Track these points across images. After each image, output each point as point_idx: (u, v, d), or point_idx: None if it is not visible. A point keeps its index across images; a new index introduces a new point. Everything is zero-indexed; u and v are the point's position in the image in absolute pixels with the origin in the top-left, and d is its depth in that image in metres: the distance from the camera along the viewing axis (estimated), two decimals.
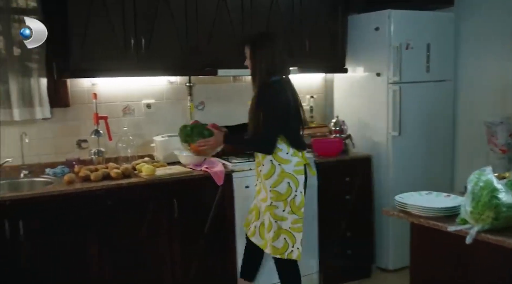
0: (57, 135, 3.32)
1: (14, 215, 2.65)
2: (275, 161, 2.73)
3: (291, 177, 2.73)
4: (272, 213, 2.75)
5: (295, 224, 2.77)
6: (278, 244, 2.77)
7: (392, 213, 2.23)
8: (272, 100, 2.67)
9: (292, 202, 2.74)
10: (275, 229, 2.75)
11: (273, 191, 2.73)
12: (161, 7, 3.19)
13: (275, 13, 3.61)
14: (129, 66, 3.14)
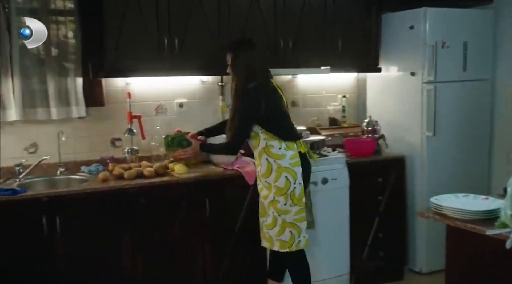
0: (92, 134, 3.38)
1: (51, 211, 2.72)
2: (270, 158, 2.81)
3: (287, 170, 2.79)
4: (275, 208, 2.82)
5: (297, 215, 2.83)
6: (285, 238, 2.83)
7: (427, 215, 2.19)
8: (247, 106, 2.79)
9: (292, 194, 2.80)
10: (280, 223, 2.83)
11: (275, 186, 2.81)
12: (194, 7, 3.22)
13: (307, 12, 3.60)
14: (162, 65, 3.18)
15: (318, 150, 3.50)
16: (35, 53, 3.18)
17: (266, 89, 2.86)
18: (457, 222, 2.07)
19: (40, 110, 3.18)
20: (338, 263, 3.51)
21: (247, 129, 2.82)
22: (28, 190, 2.79)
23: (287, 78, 3.98)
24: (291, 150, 2.83)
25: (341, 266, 3.52)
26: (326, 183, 3.37)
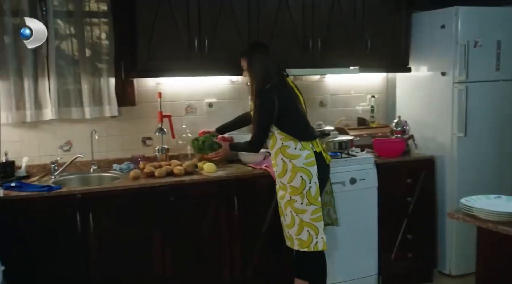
0: (124, 132, 3.46)
1: (84, 208, 2.80)
2: (285, 158, 2.87)
3: (303, 170, 2.84)
4: (292, 207, 2.88)
5: (314, 214, 2.87)
6: (303, 237, 2.89)
7: (457, 216, 2.17)
8: (264, 107, 2.86)
9: (308, 194, 2.84)
10: (298, 222, 2.88)
11: (290, 186, 2.87)
12: (224, 9, 3.26)
13: (336, 12, 3.59)
14: (192, 66, 3.23)
15: (346, 150, 3.49)
16: (69, 54, 3.27)
17: (281, 89, 2.91)
18: (489, 224, 2.04)
19: (74, 110, 3.27)
20: (366, 263, 3.50)
21: (265, 129, 2.90)
22: (63, 187, 2.88)
23: (315, 78, 3.99)
24: (306, 149, 2.86)
25: (369, 267, 3.51)
26: (354, 183, 3.37)
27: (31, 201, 2.71)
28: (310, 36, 3.52)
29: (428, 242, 3.73)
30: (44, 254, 2.74)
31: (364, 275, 3.49)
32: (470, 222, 2.12)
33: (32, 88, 3.14)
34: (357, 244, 3.43)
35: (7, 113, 3.10)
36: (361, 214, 3.43)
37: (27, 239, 2.69)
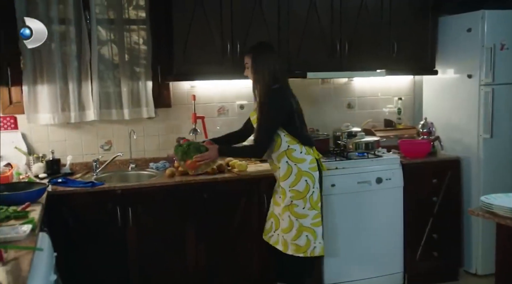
0: (160, 133, 3.65)
1: (124, 203, 3.00)
2: (291, 162, 2.83)
3: (307, 174, 2.83)
4: (292, 212, 2.83)
5: (315, 219, 2.85)
6: (300, 242, 2.84)
7: (477, 213, 2.26)
8: (274, 107, 2.80)
9: (311, 198, 2.83)
10: (296, 227, 2.83)
11: (292, 190, 2.82)
12: (255, 14, 3.40)
13: (364, 16, 3.69)
14: (225, 69, 3.38)
15: (373, 150, 3.60)
16: (110, 59, 3.49)
17: (288, 91, 2.92)
18: (507, 220, 2.12)
19: (114, 111, 3.48)
20: (391, 261, 3.59)
21: (273, 131, 2.83)
22: (104, 183, 3.08)
23: (343, 80, 4.10)
24: (309, 154, 2.87)
25: (395, 265, 3.60)
26: (380, 182, 3.47)
27: (76, 196, 2.93)
28: (337, 40, 3.63)
29: (453, 241, 3.79)
30: (87, 245, 2.95)
31: (389, 272, 3.58)
32: (489, 218, 2.21)
33: (76, 91, 3.35)
34: (383, 242, 3.53)
35: (54, 114, 3.33)
36: (386, 213, 3.53)
37: (72, 230, 2.91)
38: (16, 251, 1.75)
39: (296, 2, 3.50)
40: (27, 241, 1.90)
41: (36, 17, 3.15)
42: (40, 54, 3.26)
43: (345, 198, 3.41)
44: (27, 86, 3.26)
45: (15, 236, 1.90)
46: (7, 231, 1.95)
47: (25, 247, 1.79)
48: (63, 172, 3.29)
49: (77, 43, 3.33)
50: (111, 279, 3.02)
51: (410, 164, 3.59)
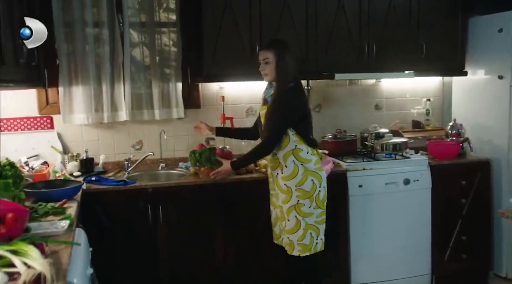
0: (190, 133, 3.72)
1: (155, 201, 3.08)
2: (297, 161, 2.80)
3: (314, 174, 2.82)
4: (299, 211, 2.81)
5: (319, 217, 2.85)
6: (306, 241, 2.84)
7: (507, 215, 2.25)
8: (290, 105, 2.79)
9: (317, 197, 2.82)
10: (303, 226, 2.82)
11: (299, 189, 2.80)
12: (284, 17, 3.44)
13: (392, 17, 3.68)
14: (253, 71, 3.37)
15: (401, 151, 3.59)
16: (141, 61, 3.58)
17: (302, 90, 2.92)
18: None
19: (145, 112, 3.57)
20: (419, 262, 3.57)
21: (284, 129, 2.80)
22: (135, 182, 3.17)
23: (371, 82, 4.10)
24: (314, 155, 2.87)
25: (422, 266, 3.58)
26: (408, 183, 3.46)
27: (109, 194, 3.02)
28: (365, 41, 3.64)
29: (483, 243, 3.74)
30: (119, 241, 3.05)
31: (417, 274, 3.57)
32: None
33: (109, 92, 3.45)
34: (410, 243, 3.52)
35: (87, 114, 3.43)
36: (414, 214, 3.52)
37: (104, 226, 3.00)
38: (55, 245, 1.83)
39: (324, 3, 3.52)
40: (65, 236, 1.98)
41: (71, 20, 3.31)
42: (75, 56, 3.38)
43: (372, 199, 3.41)
44: (63, 87, 3.37)
45: (54, 231, 1.99)
46: (47, 226, 2.04)
47: (64, 241, 1.87)
48: (96, 171, 3.39)
49: (110, 46, 3.43)
50: (142, 275, 3.11)
51: (438, 165, 3.57)
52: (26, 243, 1.60)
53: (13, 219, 1.74)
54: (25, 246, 1.57)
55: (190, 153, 3.24)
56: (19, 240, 1.64)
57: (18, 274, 1.44)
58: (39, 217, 2.23)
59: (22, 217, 1.81)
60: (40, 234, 1.92)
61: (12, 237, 1.70)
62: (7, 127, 3.39)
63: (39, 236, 1.87)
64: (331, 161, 3.45)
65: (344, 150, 3.72)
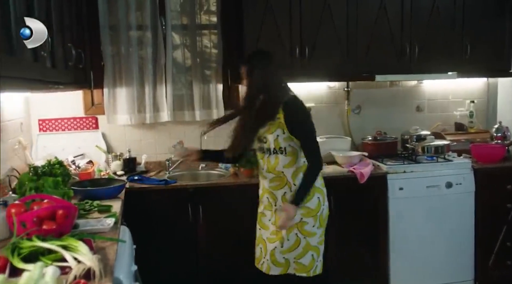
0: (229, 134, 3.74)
1: (195, 200, 3.13)
2: None
3: (320, 191, 2.66)
4: (301, 229, 2.61)
5: (320, 237, 2.68)
6: (305, 261, 2.64)
7: None
8: (311, 124, 2.61)
9: (321, 216, 2.65)
10: (303, 245, 2.63)
11: (304, 207, 2.59)
12: (324, 19, 3.42)
13: (435, 17, 3.61)
14: (294, 72, 3.42)
15: (443, 154, 3.53)
16: (182, 63, 3.64)
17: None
18: None
19: (186, 113, 3.63)
20: (462, 268, 3.50)
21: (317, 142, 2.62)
22: (176, 181, 3.23)
23: (412, 83, 4.04)
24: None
25: (465, 272, 3.50)
26: (450, 187, 3.39)
27: (151, 193, 3.10)
28: (407, 43, 3.57)
29: None
30: (160, 238, 3.11)
31: (459, 280, 3.49)
32: None
33: (151, 93, 3.53)
34: (453, 248, 3.45)
35: (131, 115, 3.52)
36: (457, 218, 3.44)
37: (147, 224, 3.07)
38: (102, 241, 1.89)
39: (365, 4, 3.49)
40: (111, 233, 2.05)
41: (116, 23, 3.40)
42: (119, 58, 3.47)
43: (413, 202, 3.36)
44: (108, 88, 3.47)
45: (101, 228, 2.06)
46: (94, 223, 2.11)
47: (111, 238, 1.93)
48: (139, 170, 3.48)
49: (153, 48, 3.51)
50: (182, 272, 3.17)
51: (482, 169, 3.48)
52: (75, 239, 1.66)
53: (63, 215, 1.82)
54: (75, 242, 1.64)
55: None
56: (69, 236, 1.71)
57: (69, 268, 1.50)
58: (86, 214, 2.31)
59: (72, 214, 1.88)
60: (87, 230, 2.00)
61: (62, 233, 1.78)
62: (55, 127, 3.52)
63: (87, 232, 1.94)
64: (370, 163, 3.42)
65: (384, 152, 3.67)
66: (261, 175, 2.76)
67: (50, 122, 3.51)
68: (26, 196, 2.13)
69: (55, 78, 2.27)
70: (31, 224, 1.76)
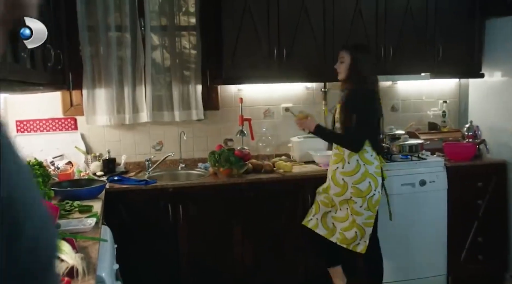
0: (208, 134, 3.81)
1: (175, 200, 3.16)
2: (361, 161, 2.92)
3: (372, 177, 2.91)
4: (351, 207, 2.92)
5: (368, 220, 2.93)
6: (349, 235, 2.94)
7: None
8: (367, 106, 2.94)
9: (370, 200, 2.90)
10: (350, 221, 2.93)
11: (354, 187, 2.91)
12: (301, 21, 3.50)
13: (408, 21, 3.71)
14: (271, 73, 3.49)
15: (417, 153, 3.63)
16: (161, 63, 3.67)
17: (377, 95, 3.04)
18: None
19: (166, 113, 3.65)
20: (435, 263, 3.60)
21: (370, 127, 2.95)
22: (156, 182, 3.26)
23: (387, 84, 4.13)
24: (376, 160, 2.96)
25: (438, 267, 3.61)
26: (424, 185, 3.49)
27: (131, 193, 3.12)
28: (382, 44, 3.68)
29: (499, 245, 3.76)
30: (141, 238, 3.14)
31: (433, 274, 3.60)
32: None
33: (130, 94, 3.54)
34: (426, 244, 3.55)
35: (110, 116, 3.53)
36: (430, 215, 3.55)
37: (127, 224, 3.09)
38: (84, 241, 1.92)
39: (342, 8, 3.57)
40: (92, 233, 2.08)
41: (95, 24, 3.40)
42: (98, 59, 3.48)
43: None
44: (87, 89, 3.47)
45: (82, 228, 2.08)
46: (75, 223, 2.13)
47: (93, 238, 1.96)
48: (118, 171, 3.49)
49: (132, 49, 3.52)
50: (163, 272, 3.19)
51: (454, 166, 3.60)
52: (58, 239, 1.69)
53: None
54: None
55: (210, 153, 3.35)
56: None
57: None
58: (67, 215, 2.33)
59: (53, 214, 1.90)
60: (69, 230, 2.02)
61: None
62: (33, 128, 3.51)
63: (69, 232, 1.97)
64: None
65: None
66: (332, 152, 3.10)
67: (28, 124, 3.50)
68: None
69: (36, 80, 2.28)
70: None
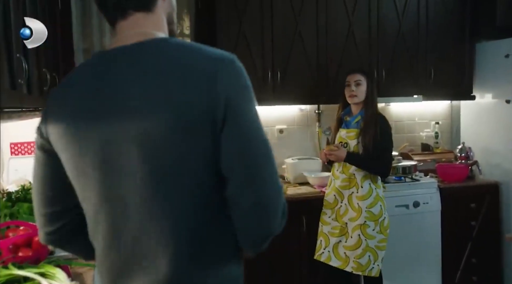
0: None
1: None
2: (373, 185, 3.00)
3: (382, 200, 3.02)
4: (364, 231, 2.96)
5: (380, 243, 2.99)
6: (363, 261, 2.96)
7: None
8: (390, 131, 3.06)
9: (382, 223, 2.98)
10: (363, 247, 2.95)
11: (368, 211, 2.96)
12: (295, 43, 3.54)
13: (400, 43, 3.79)
14: (266, 96, 3.50)
15: (410, 174, 3.65)
16: None
17: None
18: None
19: None
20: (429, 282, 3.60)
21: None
22: None
23: (380, 105, 4.14)
24: (382, 183, 3.10)
25: None
26: (417, 206, 3.51)
27: None
28: (375, 67, 3.73)
29: (493, 267, 3.77)
30: None
31: None
32: None
33: None
34: (420, 266, 3.55)
35: None
36: (424, 237, 3.56)
37: None
38: (79, 267, 1.91)
39: (334, 31, 3.63)
40: None
41: (90, 46, 3.42)
42: None
43: None
44: None
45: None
46: None
47: (87, 264, 1.94)
48: None
49: None
50: None
51: (447, 188, 3.62)
52: (52, 266, 1.68)
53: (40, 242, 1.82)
54: (52, 268, 1.65)
55: None
56: (45, 263, 1.72)
57: None
58: None
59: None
60: (64, 256, 2.00)
61: (38, 260, 1.78)
62: (27, 150, 3.49)
63: (63, 258, 1.95)
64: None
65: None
66: (334, 175, 3.13)
67: (22, 146, 3.48)
68: (1, 223, 2.12)
69: (32, 105, 2.28)
70: (7, 252, 1.76)
